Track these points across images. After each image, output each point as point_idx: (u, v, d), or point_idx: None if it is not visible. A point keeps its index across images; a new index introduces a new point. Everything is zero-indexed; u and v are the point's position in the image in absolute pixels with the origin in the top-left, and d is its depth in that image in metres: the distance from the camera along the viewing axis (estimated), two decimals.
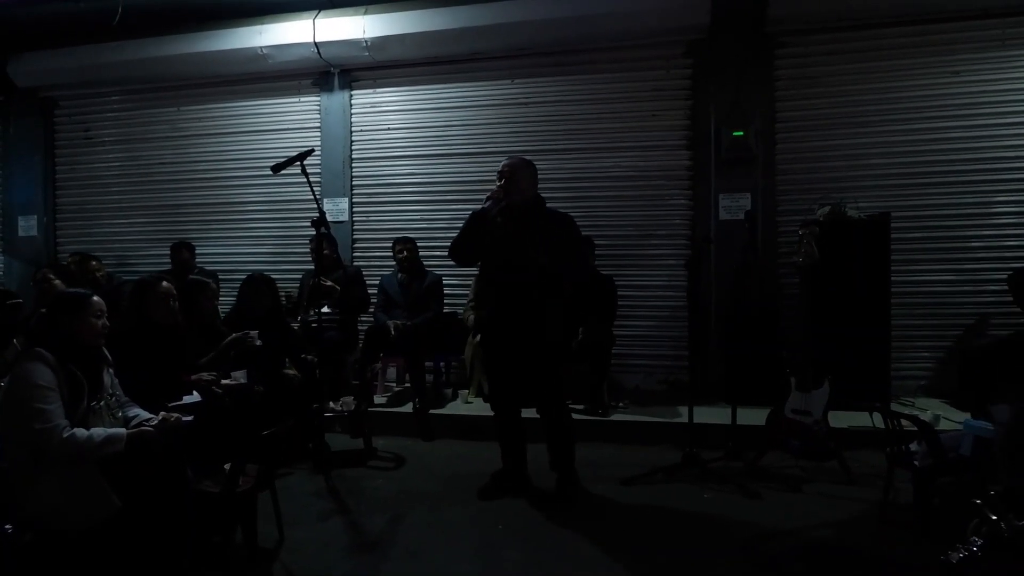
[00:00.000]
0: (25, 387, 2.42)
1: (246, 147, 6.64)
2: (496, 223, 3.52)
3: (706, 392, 5.12)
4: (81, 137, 7.14)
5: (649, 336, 5.80)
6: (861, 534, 3.21)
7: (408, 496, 3.75)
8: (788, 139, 5.59)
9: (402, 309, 5.37)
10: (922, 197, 5.37)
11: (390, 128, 6.36)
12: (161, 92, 6.82)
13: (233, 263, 6.57)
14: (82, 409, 2.55)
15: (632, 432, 4.76)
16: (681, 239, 5.76)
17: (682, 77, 5.77)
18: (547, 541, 3.15)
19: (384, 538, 3.20)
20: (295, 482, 3.90)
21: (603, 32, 5.64)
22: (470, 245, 3.59)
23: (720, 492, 3.74)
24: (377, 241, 6.34)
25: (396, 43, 5.90)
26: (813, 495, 3.70)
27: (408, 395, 5.32)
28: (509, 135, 6.06)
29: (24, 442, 2.42)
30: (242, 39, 6.14)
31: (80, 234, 7.14)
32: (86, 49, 6.48)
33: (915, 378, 5.37)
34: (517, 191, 3.51)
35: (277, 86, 6.53)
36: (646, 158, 5.83)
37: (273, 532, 3.11)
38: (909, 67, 5.39)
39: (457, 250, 3.64)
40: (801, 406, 4.01)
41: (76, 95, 7.04)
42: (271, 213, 6.61)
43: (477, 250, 3.65)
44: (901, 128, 5.41)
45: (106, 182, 7.05)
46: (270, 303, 4.49)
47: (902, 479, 3.31)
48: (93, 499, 2.44)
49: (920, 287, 5.36)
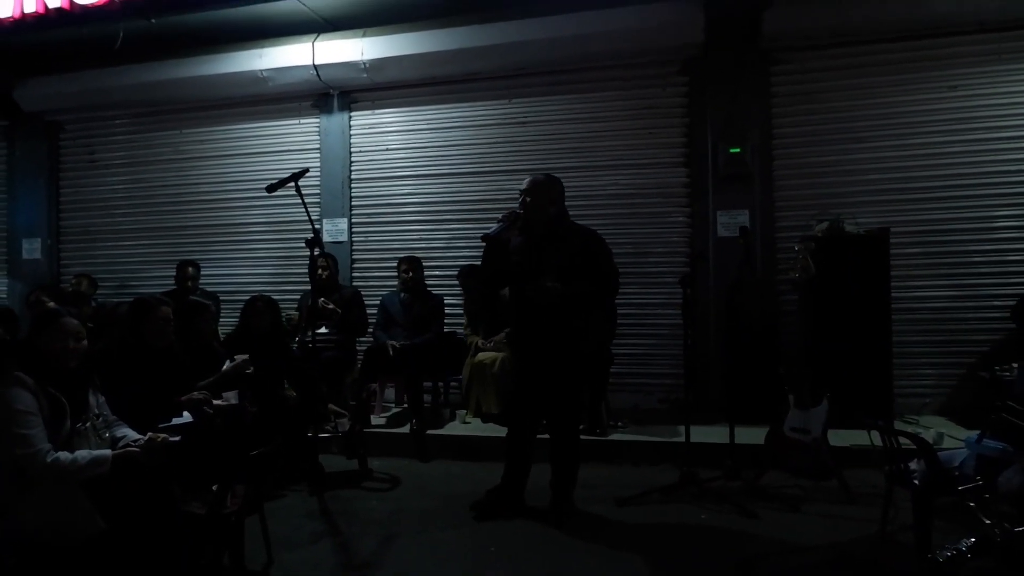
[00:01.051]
0: (5, 413, 2.41)
1: (247, 169, 6.69)
2: (513, 243, 3.51)
3: (705, 411, 5.05)
4: (85, 160, 7.23)
5: (647, 355, 5.76)
6: (860, 554, 3.15)
7: (401, 516, 3.71)
8: (785, 155, 5.58)
9: (402, 328, 5.36)
10: (921, 212, 5.33)
11: (389, 148, 6.40)
12: (164, 115, 6.90)
13: (234, 284, 6.60)
14: (65, 431, 2.54)
15: (630, 452, 4.71)
16: (679, 256, 5.74)
17: (678, 95, 5.79)
18: (539, 563, 3.10)
19: (374, 559, 3.17)
20: (288, 504, 3.88)
21: (599, 51, 5.67)
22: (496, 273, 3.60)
23: (717, 512, 3.68)
24: (376, 261, 6.36)
25: (394, 65, 5.96)
26: (812, 515, 3.64)
27: (405, 415, 5.29)
28: (507, 154, 6.09)
29: (6, 464, 2.41)
30: (243, 62, 6.23)
31: (83, 256, 7.19)
32: (90, 74, 6.58)
33: (919, 396, 5.30)
34: (536, 209, 3.49)
35: (277, 108, 6.60)
36: (643, 176, 5.84)
37: (262, 554, 3.08)
38: (906, 82, 5.38)
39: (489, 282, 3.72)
40: (800, 424, 3.95)
41: (80, 119, 7.14)
42: (272, 234, 6.64)
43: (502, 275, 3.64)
44: (899, 143, 5.39)
45: (110, 205, 7.12)
46: (270, 324, 4.49)
47: (903, 498, 3.25)
48: (76, 520, 2.42)
49: (921, 303, 5.31)
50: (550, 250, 3.46)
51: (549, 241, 3.49)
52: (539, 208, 3.50)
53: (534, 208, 3.49)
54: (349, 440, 4.55)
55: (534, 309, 3.45)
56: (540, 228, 3.52)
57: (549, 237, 3.51)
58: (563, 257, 3.44)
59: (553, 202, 3.55)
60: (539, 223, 3.51)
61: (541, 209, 3.50)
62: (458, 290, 5.74)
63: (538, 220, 3.50)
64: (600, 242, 3.60)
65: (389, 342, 5.15)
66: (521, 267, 3.50)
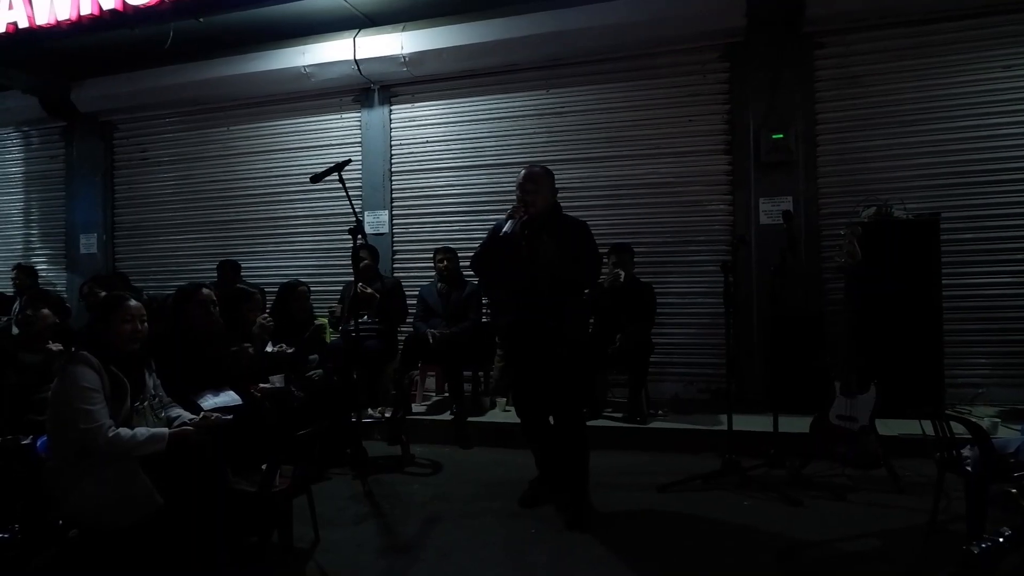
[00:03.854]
0: (71, 389, 2.53)
1: (291, 163, 6.86)
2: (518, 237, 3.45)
3: (748, 400, 5.00)
4: (138, 158, 7.49)
5: (689, 344, 5.72)
6: (908, 544, 3.08)
7: (443, 501, 3.77)
8: (830, 140, 5.46)
9: (441, 318, 5.42)
10: (973, 197, 5.17)
11: (428, 141, 6.47)
12: (211, 113, 7.12)
13: (279, 276, 6.73)
14: (126, 409, 2.65)
15: (670, 440, 4.68)
16: (721, 244, 5.67)
17: (719, 81, 5.72)
18: (578, 547, 3.11)
19: (417, 540, 3.23)
20: (333, 486, 3.97)
21: (638, 39, 5.64)
22: (493, 261, 3.54)
23: (760, 500, 3.64)
24: (417, 252, 6.44)
25: (433, 58, 6.02)
26: (859, 504, 3.57)
27: (446, 403, 5.36)
28: (545, 144, 6.10)
29: (71, 441, 2.53)
30: (287, 59, 6.37)
31: (136, 251, 7.47)
32: (142, 74, 6.83)
33: (972, 386, 5.13)
34: (541, 202, 3.46)
35: (320, 104, 6.74)
36: (684, 164, 5.78)
37: (309, 533, 3.17)
38: (956, 63, 5.22)
39: (480, 265, 3.60)
40: (847, 412, 3.87)
41: (133, 118, 7.41)
42: (314, 227, 6.79)
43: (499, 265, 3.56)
44: (949, 126, 5.23)
45: (160, 200, 7.37)
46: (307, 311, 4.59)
47: (955, 488, 3.16)
48: (136, 496, 2.53)
49: (974, 290, 5.15)
50: (546, 241, 3.40)
51: (546, 232, 3.43)
52: (544, 199, 3.46)
53: (540, 200, 3.45)
54: (391, 426, 4.63)
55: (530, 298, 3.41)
56: (540, 219, 3.45)
57: (547, 228, 3.45)
58: (556, 247, 3.37)
59: (554, 192, 3.56)
60: (541, 214, 3.46)
61: (545, 200, 3.47)
62: None
63: (542, 211, 3.46)
64: (588, 231, 3.55)
65: (429, 331, 5.21)
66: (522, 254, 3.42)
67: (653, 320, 5.20)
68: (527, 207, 3.40)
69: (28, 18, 5.73)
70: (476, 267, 3.64)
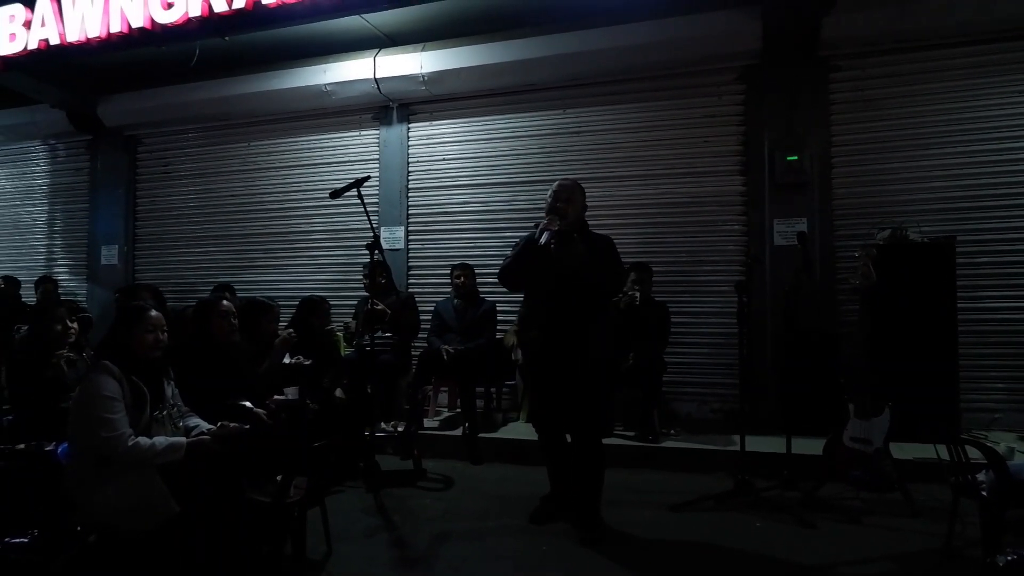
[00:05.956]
0: (93, 397, 2.59)
1: (310, 179, 6.96)
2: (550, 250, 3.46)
3: (761, 421, 4.98)
4: (160, 172, 7.63)
5: (702, 363, 5.70)
6: (922, 568, 3.05)
7: (454, 515, 3.78)
8: (845, 163, 5.47)
9: (456, 334, 5.46)
10: (989, 220, 5.15)
11: (445, 158, 6.55)
12: (233, 128, 7.25)
13: (296, 290, 6.80)
14: (145, 418, 2.71)
15: (682, 459, 4.67)
16: (735, 265, 5.67)
17: (735, 103, 5.75)
18: (590, 564, 3.12)
19: (428, 555, 3.24)
20: (345, 499, 3.99)
21: (655, 61, 5.70)
22: (522, 271, 3.52)
23: (774, 521, 3.62)
24: (432, 269, 6.50)
25: (452, 77, 6.11)
26: (873, 527, 3.55)
27: (459, 419, 5.38)
28: (562, 163, 6.14)
29: (91, 448, 2.58)
30: (308, 77, 6.49)
31: (156, 263, 7.59)
32: (166, 90, 6.98)
33: (988, 411, 5.09)
34: (573, 214, 3.47)
35: (339, 121, 6.85)
36: (699, 184, 5.81)
37: (322, 545, 3.19)
38: (972, 87, 5.22)
39: (508, 276, 3.56)
40: (861, 434, 3.86)
41: (157, 133, 7.56)
42: (331, 241, 6.86)
43: (528, 276, 3.56)
44: (964, 150, 5.23)
45: (181, 213, 7.49)
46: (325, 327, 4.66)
47: (970, 512, 3.14)
48: (154, 503, 2.58)
49: (990, 314, 5.11)
50: (577, 241, 3.43)
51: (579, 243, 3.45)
52: (575, 211, 3.49)
53: (572, 211, 3.47)
54: (404, 441, 4.66)
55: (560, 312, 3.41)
56: (571, 231, 3.47)
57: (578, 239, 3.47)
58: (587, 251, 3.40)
59: (584, 207, 3.58)
60: (573, 226, 3.48)
61: (576, 213, 3.50)
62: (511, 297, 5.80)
63: (573, 223, 3.48)
64: (614, 246, 3.58)
65: (443, 347, 5.25)
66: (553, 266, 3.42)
67: (667, 339, 5.21)
68: (561, 217, 3.41)
69: (59, 35, 5.87)
70: (504, 279, 3.59)
